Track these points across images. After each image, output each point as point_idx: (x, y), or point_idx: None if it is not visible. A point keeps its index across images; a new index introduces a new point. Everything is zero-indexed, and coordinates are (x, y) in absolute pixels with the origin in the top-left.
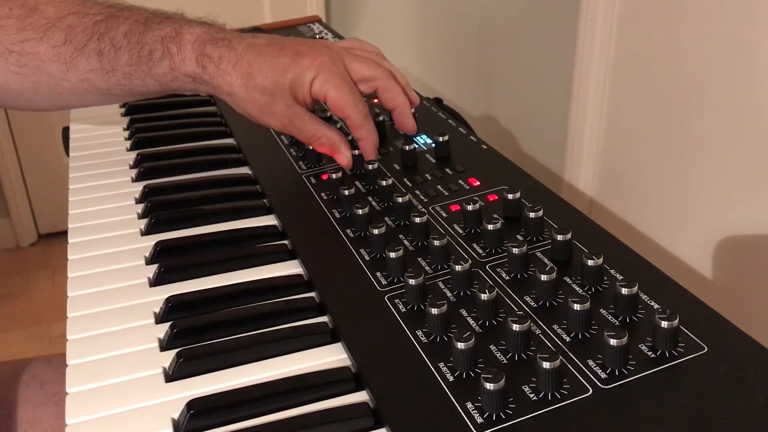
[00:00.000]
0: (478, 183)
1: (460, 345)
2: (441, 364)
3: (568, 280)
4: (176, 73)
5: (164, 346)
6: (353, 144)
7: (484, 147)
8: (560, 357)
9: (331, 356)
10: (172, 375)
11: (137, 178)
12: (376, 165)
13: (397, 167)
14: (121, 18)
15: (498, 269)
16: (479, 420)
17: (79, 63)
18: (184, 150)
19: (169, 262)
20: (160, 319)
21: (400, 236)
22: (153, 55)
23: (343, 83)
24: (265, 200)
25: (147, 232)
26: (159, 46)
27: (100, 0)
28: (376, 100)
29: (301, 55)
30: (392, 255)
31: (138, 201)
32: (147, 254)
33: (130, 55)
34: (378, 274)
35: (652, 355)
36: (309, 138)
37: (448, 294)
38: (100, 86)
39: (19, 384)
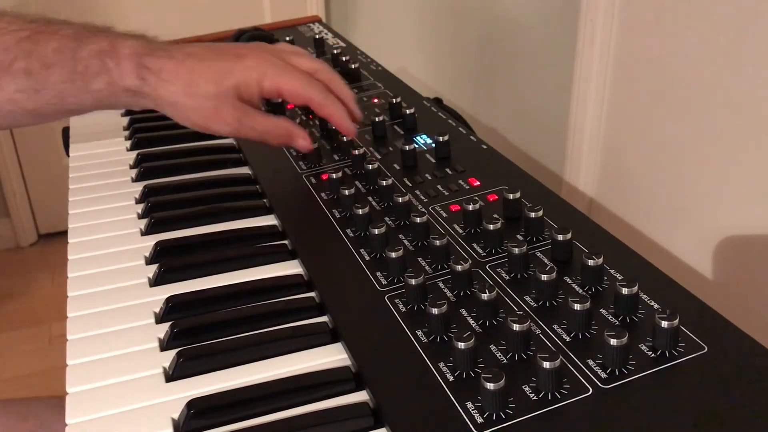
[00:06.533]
0: (478, 183)
1: (460, 345)
2: (441, 364)
3: (568, 280)
4: (114, 88)
5: (164, 346)
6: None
7: (484, 147)
8: (560, 357)
9: (331, 356)
10: (172, 375)
11: (137, 178)
12: (354, 134)
13: (397, 167)
14: (47, 33)
15: (498, 269)
16: (479, 420)
17: (4, 83)
18: (184, 150)
19: (169, 262)
20: (160, 319)
21: (400, 236)
22: (88, 70)
23: (292, 72)
24: (265, 200)
25: (147, 232)
26: (95, 61)
27: (16, 14)
28: (375, 100)
29: (242, 57)
30: (392, 255)
31: (138, 201)
32: (147, 254)
33: (63, 72)
34: (378, 274)
35: (652, 355)
36: (263, 133)
37: (448, 294)
38: (27, 107)
39: (23, 430)
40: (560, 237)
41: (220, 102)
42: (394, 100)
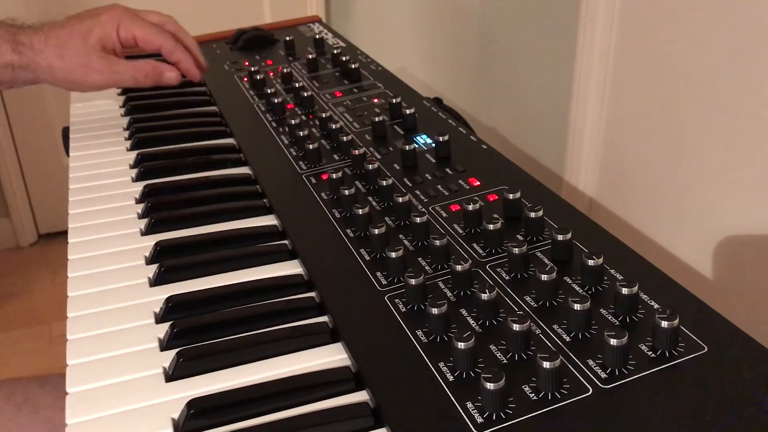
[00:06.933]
0: (478, 183)
1: (460, 345)
2: (441, 364)
3: (568, 280)
4: None
5: (164, 346)
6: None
7: (484, 147)
8: (560, 357)
9: (331, 356)
10: (172, 375)
11: (137, 178)
12: (200, 78)
13: (397, 167)
14: None
15: (498, 269)
16: (479, 420)
17: None
18: (184, 150)
19: (169, 262)
20: (160, 319)
21: (400, 236)
22: None
23: (144, 22)
24: (265, 200)
25: (147, 232)
26: None
27: None
28: (376, 100)
29: (99, 14)
30: (392, 255)
31: (138, 201)
32: (147, 254)
33: None
34: (378, 274)
35: (652, 355)
36: (133, 76)
37: (448, 294)
38: None
39: (11, 407)
40: (560, 237)
41: (88, 56)
42: (394, 100)
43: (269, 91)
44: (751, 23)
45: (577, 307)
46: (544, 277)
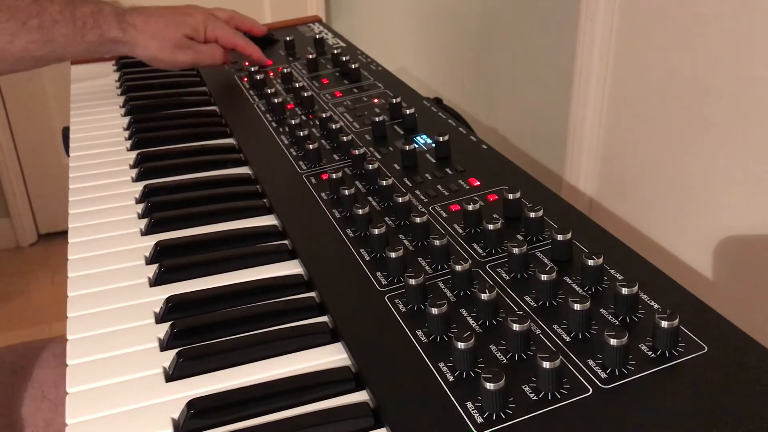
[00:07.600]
0: (478, 183)
1: (460, 345)
2: (441, 364)
3: (568, 280)
4: (103, 39)
5: (164, 346)
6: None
7: (484, 147)
8: (560, 357)
9: (331, 356)
10: (172, 375)
11: (137, 178)
12: (266, 62)
13: (397, 167)
14: (47, 0)
15: (498, 269)
16: (479, 420)
17: (20, 36)
18: (184, 150)
19: (169, 262)
20: (160, 319)
21: (400, 236)
22: (86, 26)
23: (224, 25)
24: (265, 200)
25: (147, 232)
26: (89, 19)
27: None
28: (376, 100)
29: (192, 14)
30: (392, 255)
31: (138, 201)
32: (147, 254)
33: (67, 27)
34: (378, 274)
35: (652, 355)
36: (211, 56)
37: (448, 294)
38: (36, 54)
39: None
40: (560, 237)
41: (179, 41)
42: (394, 100)
43: (269, 91)
44: (751, 22)
45: (577, 307)
46: (544, 277)
